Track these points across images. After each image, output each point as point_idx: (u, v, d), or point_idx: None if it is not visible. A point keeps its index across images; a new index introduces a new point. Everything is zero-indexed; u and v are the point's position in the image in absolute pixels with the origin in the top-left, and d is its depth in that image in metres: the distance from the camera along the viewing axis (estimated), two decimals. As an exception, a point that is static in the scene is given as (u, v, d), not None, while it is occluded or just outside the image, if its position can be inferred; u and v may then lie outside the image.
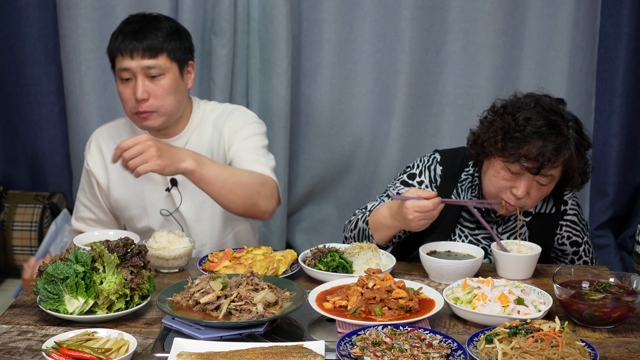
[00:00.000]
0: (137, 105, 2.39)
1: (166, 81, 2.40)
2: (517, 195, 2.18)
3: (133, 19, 2.45)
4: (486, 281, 1.94)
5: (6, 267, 3.71)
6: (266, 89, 3.45)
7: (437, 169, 2.41)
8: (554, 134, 2.13)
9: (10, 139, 3.72)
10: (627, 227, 3.70)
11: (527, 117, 2.15)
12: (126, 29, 2.41)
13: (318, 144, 3.60)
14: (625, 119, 3.50)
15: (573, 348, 1.58)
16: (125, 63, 2.38)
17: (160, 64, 2.38)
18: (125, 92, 2.41)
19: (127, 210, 2.55)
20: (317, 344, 1.67)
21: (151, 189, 2.53)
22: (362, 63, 3.49)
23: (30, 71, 3.57)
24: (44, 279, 1.82)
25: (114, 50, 2.42)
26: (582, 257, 2.41)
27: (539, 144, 2.12)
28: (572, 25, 3.40)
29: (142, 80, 2.37)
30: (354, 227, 2.41)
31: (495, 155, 2.20)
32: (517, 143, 2.13)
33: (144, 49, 2.36)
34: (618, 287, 1.92)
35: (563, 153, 2.13)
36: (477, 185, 2.36)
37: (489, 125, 2.23)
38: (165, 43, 2.39)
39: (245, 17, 3.37)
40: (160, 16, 2.47)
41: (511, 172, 2.18)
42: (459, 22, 3.44)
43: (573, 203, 2.39)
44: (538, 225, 2.36)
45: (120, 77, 2.41)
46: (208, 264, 2.20)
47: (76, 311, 1.81)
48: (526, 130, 2.13)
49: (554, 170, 2.17)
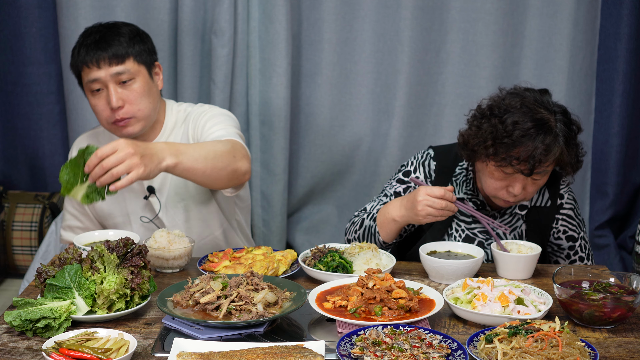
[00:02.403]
0: (113, 115, 2.37)
1: (138, 85, 2.38)
2: (514, 193, 2.22)
3: (91, 30, 2.41)
4: (486, 281, 1.94)
5: (6, 267, 3.71)
6: (266, 89, 3.45)
7: (431, 164, 2.45)
8: (542, 133, 2.15)
9: (10, 139, 3.72)
10: (627, 227, 3.70)
11: (515, 120, 2.17)
12: (87, 40, 2.37)
13: (318, 144, 3.59)
14: (625, 119, 3.50)
15: (573, 348, 1.58)
16: (93, 74, 2.35)
17: (129, 68, 2.36)
18: (99, 104, 2.38)
19: (111, 218, 2.57)
20: (317, 344, 1.67)
21: (131, 197, 2.54)
22: (362, 63, 3.49)
23: (30, 71, 3.57)
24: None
25: (78, 64, 2.38)
26: (578, 252, 2.43)
27: (529, 146, 2.15)
28: (572, 25, 3.40)
29: (114, 88, 2.35)
30: (359, 227, 2.43)
31: (487, 159, 2.23)
32: (508, 147, 2.16)
33: (110, 56, 2.34)
34: (618, 287, 1.92)
35: (553, 152, 2.17)
36: (471, 179, 2.40)
37: (477, 129, 2.25)
38: (129, 47, 2.37)
39: (245, 17, 3.37)
40: (118, 22, 2.46)
41: (505, 173, 2.21)
42: (459, 22, 3.44)
43: (569, 198, 2.42)
44: (535, 219, 2.39)
45: (90, 90, 2.38)
46: (208, 264, 2.20)
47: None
48: (515, 135, 2.15)
49: (545, 167, 2.21)
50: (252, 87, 3.46)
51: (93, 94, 2.39)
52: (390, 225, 2.35)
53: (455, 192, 2.39)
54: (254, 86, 3.46)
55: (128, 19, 3.38)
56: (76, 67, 2.40)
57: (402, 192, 2.47)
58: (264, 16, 3.37)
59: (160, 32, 3.37)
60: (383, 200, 2.48)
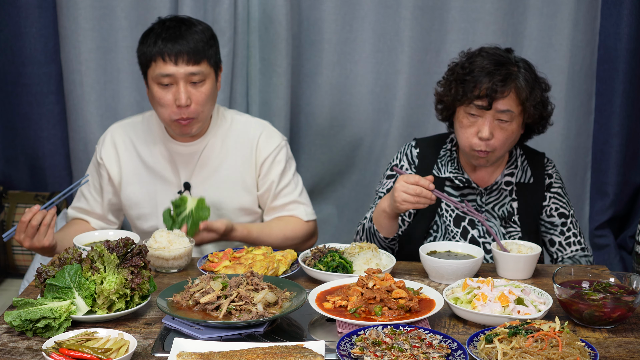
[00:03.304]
0: (178, 112, 2.36)
1: (206, 87, 2.38)
2: (483, 136, 2.33)
3: (169, 23, 2.39)
4: (486, 281, 1.94)
5: (6, 267, 3.71)
6: (266, 89, 3.44)
7: (412, 152, 2.57)
8: (499, 69, 2.32)
9: (10, 139, 3.72)
10: (627, 227, 3.70)
11: (473, 61, 2.36)
12: (164, 33, 2.35)
13: (318, 144, 3.60)
14: (625, 119, 3.50)
15: (573, 348, 1.58)
16: (168, 69, 2.33)
17: (203, 70, 2.36)
18: (164, 98, 2.36)
19: (137, 208, 2.55)
20: (317, 344, 1.67)
21: (164, 189, 2.53)
22: (362, 63, 3.49)
23: (30, 71, 3.56)
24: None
25: (153, 54, 2.35)
26: (572, 229, 2.50)
27: (487, 80, 2.30)
28: (572, 25, 3.40)
29: (185, 87, 2.34)
30: (362, 232, 2.50)
31: (455, 106, 2.38)
32: (468, 85, 2.33)
33: (189, 55, 2.32)
34: (618, 287, 1.92)
35: (509, 83, 2.30)
36: (455, 158, 2.52)
37: (445, 82, 2.45)
38: (206, 49, 2.36)
39: (245, 17, 3.37)
40: (192, 19, 2.43)
41: (472, 115, 2.34)
42: (459, 22, 3.43)
43: (557, 177, 2.55)
44: (526, 197, 2.49)
45: (159, 82, 2.36)
46: (208, 264, 2.20)
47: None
48: (474, 72, 2.33)
49: (508, 103, 2.31)
50: (252, 87, 3.46)
51: (160, 86, 2.37)
52: (382, 218, 2.39)
53: (441, 172, 2.51)
54: (254, 86, 3.46)
55: (128, 19, 3.39)
56: (148, 56, 2.37)
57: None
58: (264, 16, 3.37)
59: (161, 32, 3.37)
60: (378, 202, 2.50)
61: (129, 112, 3.48)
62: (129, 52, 3.42)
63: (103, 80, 3.48)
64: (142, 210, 2.55)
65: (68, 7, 3.38)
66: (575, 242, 2.47)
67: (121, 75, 3.47)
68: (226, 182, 2.53)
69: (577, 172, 3.61)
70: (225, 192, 2.53)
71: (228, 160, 2.53)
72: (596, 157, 3.60)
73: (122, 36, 3.42)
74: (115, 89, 3.50)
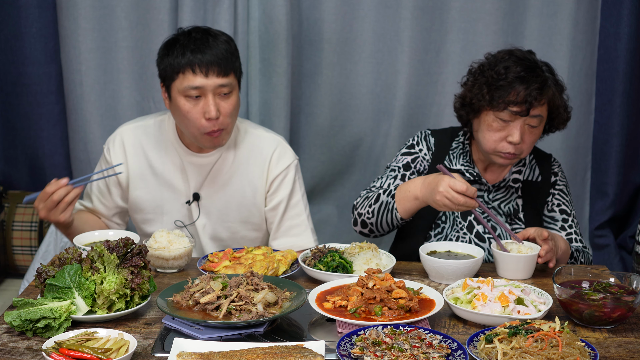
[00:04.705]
0: (208, 125, 2.32)
1: (233, 99, 2.35)
2: (514, 141, 2.33)
3: (195, 34, 2.33)
4: (486, 281, 1.94)
5: (6, 267, 3.71)
6: (266, 89, 3.44)
7: (430, 139, 2.59)
8: (533, 76, 2.32)
9: (10, 139, 3.72)
10: (627, 227, 3.70)
11: (506, 66, 2.34)
12: (193, 44, 2.29)
13: (318, 144, 3.60)
14: (625, 119, 3.50)
15: (573, 348, 1.58)
16: (198, 81, 2.27)
17: (231, 81, 2.33)
18: (193, 111, 2.31)
19: (142, 213, 2.53)
20: (317, 344, 1.67)
21: (172, 197, 2.51)
22: (362, 63, 3.49)
23: (30, 71, 3.56)
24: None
25: (182, 66, 2.28)
26: (572, 227, 2.51)
27: (523, 87, 2.30)
28: (572, 25, 3.40)
29: (213, 99, 2.30)
30: (374, 201, 2.45)
31: (484, 109, 2.36)
32: (503, 91, 2.31)
33: (219, 67, 2.28)
34: (618, 287, 1.92)
35: (546, 91, 2.32)
36: (467, 151, 2.53)
37: (472, 84, 2.41)
38: (233, 60, 2.34)
39: (245, 17, 3.37)
40: (215, 30, 2.39)
41: (503, 120, 2.33)
42: (459, 22, 3.43)
43: (562, 176, 2.57)
44: (531, 194, 2.51)
45: (186, 95, 2.30)
46: (208, 264, 2.20)
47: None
48: (509, 78, 2.32)
49: (540, 110, 2.34)
50: (252, 87, 3.46)
51: (188, 99, 2.30)
52: (410, 203, 2.36)
53: (452, 164, 2.52)
54: (254, 86, 3.46)
55: (128, 19, 3.39)
56: (175, 68, 2.30)
57: (410, 162, 2.55)
58: (264, 16, 3.37)
59: (160, 32, 3.36)
60: (391, 175, 2.53)
61: (129, 112, 3.48)
62: (129, 52, 3.42)
63: (103, 80, 3.48)
64: (147, 215, 2.53)
65: (68, 7, 3.39)
66: (576, 239, 2.47)
67: (121, 75, 3.47)
68: (235, 195, 2.50)
69: (577, 172, 3.61)
70: (234, 206, 2.51)
71: (239, 175, 2.50)
72: (596, 157, 3.60)
73: (122, 36, 3.42)
74: (115, 89, 3.50)
